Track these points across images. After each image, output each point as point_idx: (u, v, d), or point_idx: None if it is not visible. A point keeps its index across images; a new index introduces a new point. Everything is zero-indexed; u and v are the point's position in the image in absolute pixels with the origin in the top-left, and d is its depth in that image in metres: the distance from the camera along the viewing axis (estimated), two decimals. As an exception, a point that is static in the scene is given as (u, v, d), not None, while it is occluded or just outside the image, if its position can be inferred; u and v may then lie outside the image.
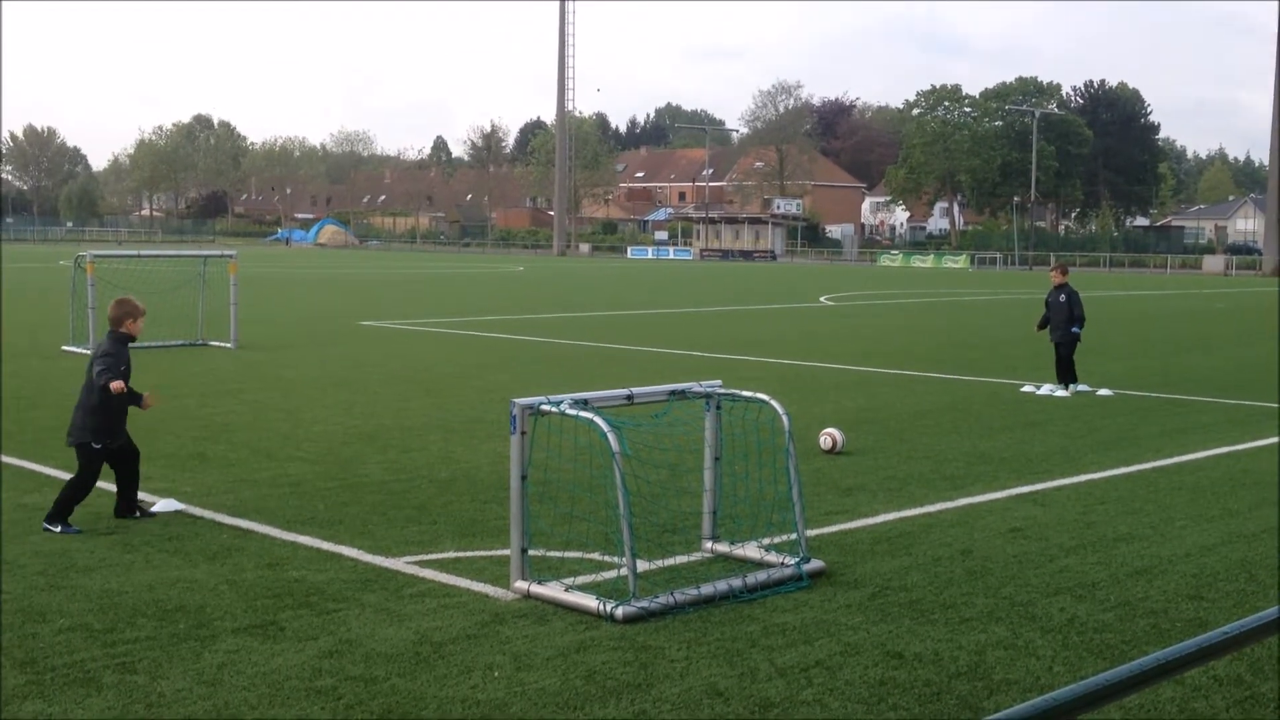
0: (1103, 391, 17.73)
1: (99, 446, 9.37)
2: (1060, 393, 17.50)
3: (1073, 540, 9.24)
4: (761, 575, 7.93)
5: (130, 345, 9.78)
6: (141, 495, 9.88)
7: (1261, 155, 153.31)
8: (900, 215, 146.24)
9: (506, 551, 8.06)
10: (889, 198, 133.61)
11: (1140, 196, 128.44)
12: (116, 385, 9.25)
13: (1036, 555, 8.80)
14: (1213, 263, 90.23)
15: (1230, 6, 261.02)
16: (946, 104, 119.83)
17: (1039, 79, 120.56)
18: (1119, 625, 7.26)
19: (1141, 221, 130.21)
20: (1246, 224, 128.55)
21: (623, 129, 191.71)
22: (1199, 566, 8.56)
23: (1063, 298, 18.09)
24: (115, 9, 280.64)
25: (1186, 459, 12.70)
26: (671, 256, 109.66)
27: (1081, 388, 17.80)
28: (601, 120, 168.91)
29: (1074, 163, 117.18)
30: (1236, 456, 12.88)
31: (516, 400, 7.65)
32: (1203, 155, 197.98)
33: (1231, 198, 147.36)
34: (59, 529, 9.08)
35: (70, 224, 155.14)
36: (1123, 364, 22.20)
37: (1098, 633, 7.12)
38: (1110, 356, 23.49)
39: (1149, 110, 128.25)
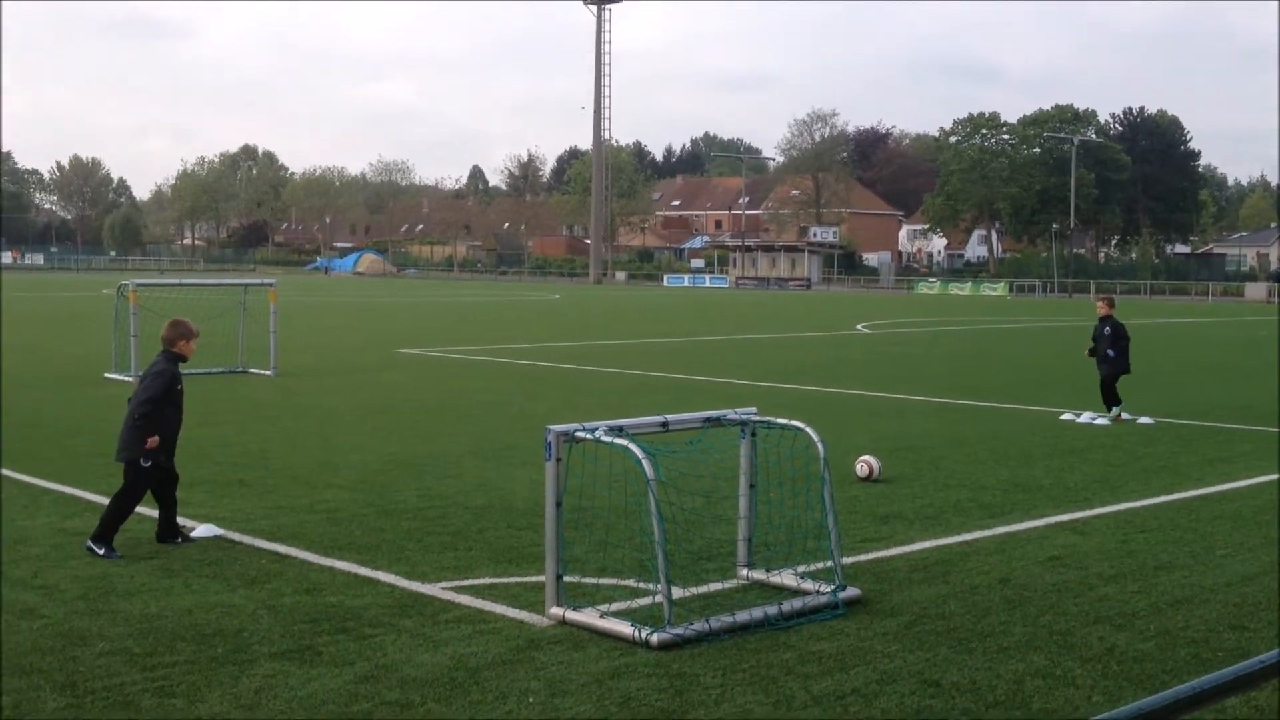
0: (1144, 419, 17.59)
1: (148, 464, 9.46)
2: (1101, 420, 17.36)
3: (1112, 569, 9.16)
4: (797, 603, 7.90)
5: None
6: (182, 520, 9.97)
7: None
8: (937, 243, 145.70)
9: (542, 578, 8.07)
10: (926, 225, 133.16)
11: (1181, 223, 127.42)
12: (151, 441, 9.43)
13: (1075, 584, 8.73)
14: (1255, 290, 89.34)
15: (1272, 34, 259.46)
16: (984, 131, 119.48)
17: (1076, 106, 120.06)
18: (1159, 655, 7.19)
19: (1182, 249, 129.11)
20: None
21: (659, 158, 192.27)
22: (1241, 596, 8.46)
23: (1106, 330, 17.99)
24: (160, 41, 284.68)
25: (1228, 487, 12.57)
26: (707, 284, 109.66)
27: (1125, 416, 17.65)
28: (638, 149, 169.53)
29: (1113, 190, 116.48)
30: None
31: (552, 427, 7.68)
32: (1244, 182, 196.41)
33: (1273, 224, 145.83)
34: (102, 551, 9.16)
35: (113, 253, 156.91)
36: (1164, 392, 22.00)
37: (1137, 662, 7.05)
38: (1151, 384, 23.28)
39: (1189, 137, 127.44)
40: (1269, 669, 3.02)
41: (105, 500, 10.96)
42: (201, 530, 9.91)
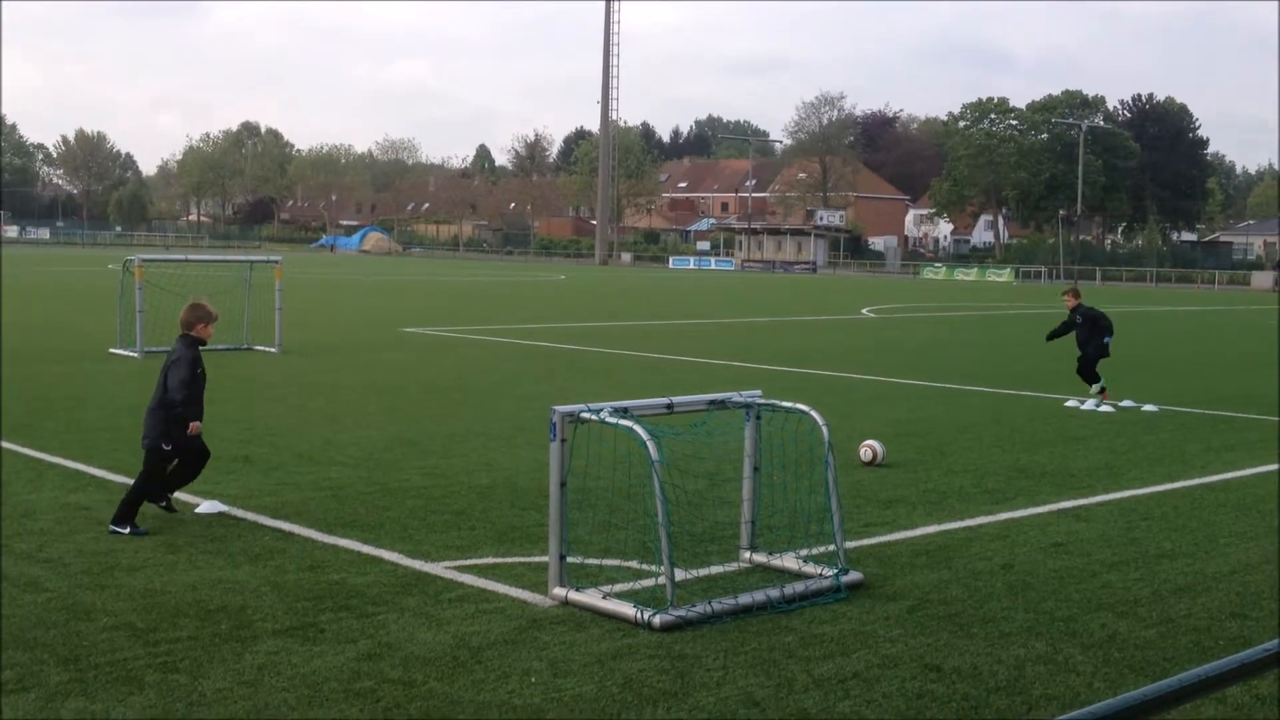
0: (1148, 407, 17.57)
1: (169, 448, 9.48)
2: (1105, 408, 17.35)
3: (1115, 556, 9.17)
4: (799, 586, 7.91)
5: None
6: (187, 496, 9.99)
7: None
8: (944, 228, 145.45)
9: (545, 558, 8.08)
10: (933, 210, 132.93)
11: (1188, 211, 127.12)
12: (194, 427, 9.53)
13: (1078, 571, 8.74)
14: (1261, 279, 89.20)
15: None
16: (993, 116, 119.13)
17: (1085, 92, 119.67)
18: (1160, 642, 7.20)
19: (1189, 236, 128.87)
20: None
21: (666, 139, 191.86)
22: (1243, 584, 8.47)
23: (1079, 319, 18.19)
24: (165, 19, 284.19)
25: (1232, 476, 12.56)
26: (713, 267, 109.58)
27: (1125, 403, 17.66)
28: (645, 130, 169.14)
29: (1121, 176, 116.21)
30: (1283, 474, 12.72)
31: (557, 408, 7.68)
32: (1252, 170, 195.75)
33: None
34: (127, 530, 9.14)
35: (119, 228, 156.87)
36: (1169, 380, 21.98)
37: (1139, 650, 7.06)
38: (1156, 372, 23.28)
39: (1197, 125, 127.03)
40: (1273, 657, 3.02)
41: (110, 474, 11.03)
42: (206, 506, 9.93)
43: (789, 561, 8.50)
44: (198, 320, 9.83)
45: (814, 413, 8.34)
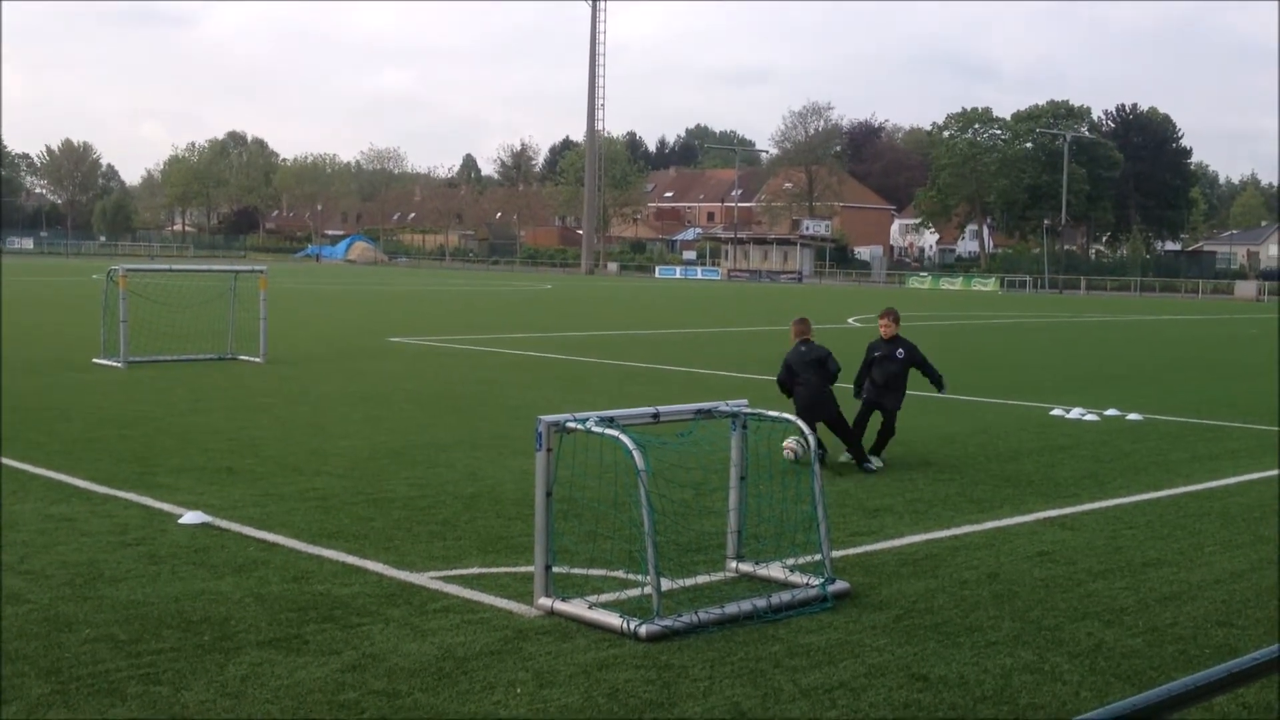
0: (1133, 416, 17.61)
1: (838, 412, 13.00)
2: (1090, 416, 17.38)
3: (1101, 565, 9.17)
4: (786, 595, 7.89)
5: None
6: (169, 506, 9.93)
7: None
8: (929, 238, 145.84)
9: (530, 568, 8.05)
10: (918, 220, 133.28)
11: (1171, 221, 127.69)
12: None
13: (1064, 580, 8.73)
14: (1245, 288, 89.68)
15: (1264, 34, 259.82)
16: (977, 126, 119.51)
17: (1070, 102, 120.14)
18: (1147, 651, 7.19)
19: (1173, 246, 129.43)
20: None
21: (653, 149, 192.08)
22: (1229, 593, 8.47)
23: (900, 352, 13.77)
24: (151, 28, 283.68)
25: (1217, 484, 12.59)
26: (699, 276, 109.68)
27: (1110, 411, 17.68)
28: (632, 140, 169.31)
29: (1105, 186, 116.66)
30: (1268, 482, 12.75)
31: (542, 417, 7.65)
32: (1235, 180, 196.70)
33: (1264, 223, 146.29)
34: (862, 465, 12.75)
35: (104, 238, 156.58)
36: (1153, 389, 22.04)
37: (1125, 658, 7.06)
38: (1141, 381, 23.34)
39: (1180, 134, 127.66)
40: (1262, 666, 3.01)
41: (93, 485, 11.03)
42: (189, 517, 9.87)
43: (775, 571, 8.49)
44: (808, 330, 13.63)
45: (800, 422, 8.33)
